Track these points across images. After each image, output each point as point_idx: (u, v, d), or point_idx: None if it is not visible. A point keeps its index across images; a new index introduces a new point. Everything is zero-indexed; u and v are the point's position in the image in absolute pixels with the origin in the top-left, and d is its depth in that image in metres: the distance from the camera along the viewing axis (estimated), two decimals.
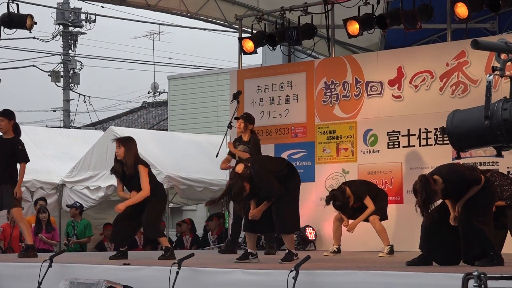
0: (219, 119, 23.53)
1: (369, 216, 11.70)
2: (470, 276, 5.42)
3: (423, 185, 8.68)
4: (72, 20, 33.68)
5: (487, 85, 5.51)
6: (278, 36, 15.00)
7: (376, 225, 11.70)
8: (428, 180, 8.72)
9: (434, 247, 9.01)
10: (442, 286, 6.71)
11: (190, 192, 17.54)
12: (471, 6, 12.93)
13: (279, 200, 9.73)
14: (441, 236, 9.01)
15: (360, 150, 13.64)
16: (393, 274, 7.80)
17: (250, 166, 9.62)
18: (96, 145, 17.99)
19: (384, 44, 16.97)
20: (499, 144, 5.53)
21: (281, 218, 9.74)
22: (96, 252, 16.12)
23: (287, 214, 9.79)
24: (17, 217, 11.70)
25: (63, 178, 18.01)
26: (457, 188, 8.91)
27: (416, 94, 13.12)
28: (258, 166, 9.72)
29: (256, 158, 10.21)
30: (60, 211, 17.93)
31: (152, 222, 10.89)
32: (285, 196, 9.78)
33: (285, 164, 10.10)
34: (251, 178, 9.53)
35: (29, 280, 9.68)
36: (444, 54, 13.03)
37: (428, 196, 8.67)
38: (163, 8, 16.73)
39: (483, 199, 9.01)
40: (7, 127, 11.55)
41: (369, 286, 7.75)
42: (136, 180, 10.61)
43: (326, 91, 14.13)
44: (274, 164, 10.10)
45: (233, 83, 15.38)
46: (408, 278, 7.63)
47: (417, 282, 7.50)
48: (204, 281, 8.83)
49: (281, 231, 9.96)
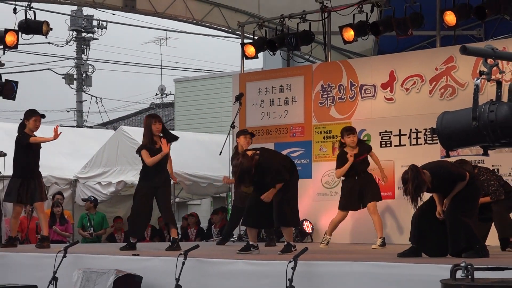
0: (222, 119, 23.52)
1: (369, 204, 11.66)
2: (458, 267, 5.40)
3: (414, 174, 8.67)
4: (85, 26, 33.67)
5: (475, 88, 5.50)
6: (278, 42, 15.00)
7: (375, 215, 11.66)
8: (418, 169, 8.72)
9: (423, 239, 9.00)
10: (432, 276, 6.69)
11: (195, 187, 17.55)
12: (459, 15, 12.93)
13: (280, 195, 9.73)
14: (430, 228, 9.00)
15: None
16: (385, 265, 7.81)
17: (259, 154, 9.66)
18: (108, 144, 17.98)
19: (377, 50, 16.96)
20: (485, 144, 5.52)
21: (282, 212, 9.75)
22: (107, 244, 16.14)
23: (287, 209, 9.80)
24: (39, 209, 11.96)
25: (77, 174, 18.00)
26: (444, 183, 8.90)
27: (407, 96, 13.11)
28: (267, 154, 9.84)
29: (264, 148, 10.23)
30: (73, 205, 17.94)
31: (170, 208, 11.29)
32: (287, 192, 9.78)
33: (288, 160, 10.15)
34: (258, 165, 9.55)
35: (45, 269, 9.70)
36: (434, 59, 13.02)
37: (419, 184, 8.65)
38: (170, 16, 16.75)
39: (469, 195, 9.01)
40: (37, 126, 11.89)
41: (364, 276, 7.75)
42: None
43: (323, 94, 14.12)
44: (280, 156, 10.23)
45: (235, 85, 15.37)
46: (400, 269, 7.64)
47: (408, 272, 7.51)
48: (208, 270, 8.84)
49: (281, 224, 9.95)
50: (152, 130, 10.96)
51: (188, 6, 16.74)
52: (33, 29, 14.13)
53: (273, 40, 15.10)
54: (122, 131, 18.11)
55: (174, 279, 8.44)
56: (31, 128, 11.82)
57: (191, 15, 16.82)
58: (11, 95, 13.96)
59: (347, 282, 7.82)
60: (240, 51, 15.54)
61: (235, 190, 12.80)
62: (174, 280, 8.44)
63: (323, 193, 13.88)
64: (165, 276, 8.85)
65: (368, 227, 12.31)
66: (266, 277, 8.31)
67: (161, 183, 11.02)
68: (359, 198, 11.71)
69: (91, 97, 33.66)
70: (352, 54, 17.29)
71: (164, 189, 11.03)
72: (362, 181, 11.68)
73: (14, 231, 12.21)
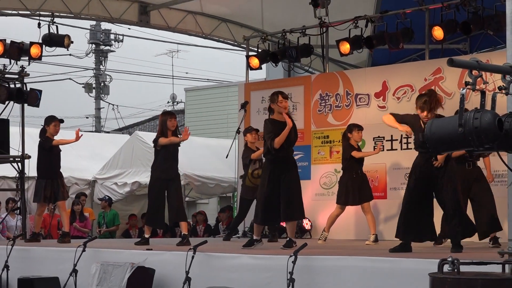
0: (229, 125, 23.52)
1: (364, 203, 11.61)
2: (445, 261, 5.39)
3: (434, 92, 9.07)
4: (103, 39, 33.73)
5: (461, 97, 5.50)
6: (280, 54, 15.02)
7: (368, 214, 11.62)
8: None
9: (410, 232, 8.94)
10: (421, 270, 6.69)
11: (203, 188, 17.56)
12: (446, 30, 12.93)
13: (290, 188, 9.69)
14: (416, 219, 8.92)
15: None
16: (378, 260, 7.80)
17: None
18: (123, 147, 18.02)
19: (371, 62, 16.96)
20: (470, 148, 5.53)
21: (291, 206, 9.69)
22: (122, 239, 16.14)
23: (297, 202, 9.78)
24: (62, 207, 11.99)
25: (95, 175, 18.03)
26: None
27: (399, 104, 13.10)
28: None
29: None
30: (92, 203, 17.96)
31: (183, 204, 11.26)
32: (296, 185, 9.76)
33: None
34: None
35: (66, 262, 9.71)
36: (423, 71, 13.02)
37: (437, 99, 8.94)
38: (181, 30, 16.80)
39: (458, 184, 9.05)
40: (57, 130, 12.02)
41: (358, 270, 7.75)
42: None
43: (321, 102, 14.12)
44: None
45: (241, 94, 15.38)
46: (391, 263, 7.63)
47: (399, 266, 7.51)
48: (215, 264, 8.85)
49: (289, 218, 9.89)
50: (168, 126, 10.91)
51: (198, 21, 16.77)
52: (56, 42, 14.16)
53: (275, 53, 15.12)
54: (136, 136, 18.15)
55: (184, 272, 8.44)
56: (52, 132, 11.89)
57: (201, 30, 16.86)
58: (35, 102, 13.98)
59: (343, 275, 7.82)
60: (245, 63, 15.55)
61: (242, 183, 12.79)
62: (184, 272, 8.44)
63: (321, 193, 13.87)
64: (176, 269, 8.86)
65: (362, 224, 12.31)
66: (268, 270, 8.31)
67: (174, 175, 10.95)
68: (357, 195, 11.62)
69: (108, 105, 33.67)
70: (348, 66, 17.29)
71: (176, 185, 10.97)
72: (359, 179, 11.60)
73: (37, 227, 12.26)
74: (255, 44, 15.78)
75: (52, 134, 11.93)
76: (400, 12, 13.54)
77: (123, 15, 15.99)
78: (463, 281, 5.31)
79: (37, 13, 14.73)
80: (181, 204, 11.06)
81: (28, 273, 10.29)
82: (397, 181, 12.89)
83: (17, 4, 14.68)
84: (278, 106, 9.84)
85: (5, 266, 10.27)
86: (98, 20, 21.20)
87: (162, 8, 16.26)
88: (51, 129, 11.92)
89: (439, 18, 13.07)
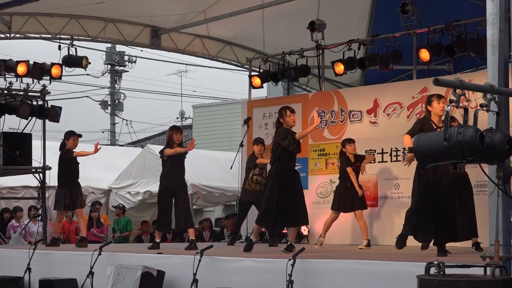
0: (233, 139, 23.47)
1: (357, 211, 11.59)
2: (431, 264, 5.39)
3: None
4: (118, 60, 33.75)
5: (446, 114, 5.51)
6: (279, 74, 15.04)
7: (361, 221, 11.63)
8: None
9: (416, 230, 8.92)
10: (409, 273, 6.67)
11: (209, 196, 17.55)
12: (432, 52, 12.95)
13: (297, 195, 9.70)
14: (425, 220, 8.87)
15: None
16: (370, 263, 7.79)
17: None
18: (136, 159, 18.01)
19: (363, 81, 16.98)
20: (455, 160, 5.53)
21: (298, 212, 9.68)
22: (135, 244, 16.12)
23: (304, 210, 9.77)
24: (80, 215, 12.04)
25: (110, 185, 18.03)
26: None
27: (389, 120, 13.11)
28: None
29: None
30: (107, 211, 17.95)
31: (190, 211, 11.31)
32: (302, 194, 9.78)
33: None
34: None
35: (83, 265, 9.69)
36: (411, 89, 13.02)
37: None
38: (189, 52, 16.84)
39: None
40: (76, 144, 12.02)
41: (352, 272, 7.74)
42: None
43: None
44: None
45: (244, 111, 15.38)
46: (382, 266, 7.61)
47: (390, 269, 7.48)
48: (221, 267, 8.83)
49: (296, 225, 9.89)
50: (174, 139, 10.94)
51: (205, 44, 16.82)
52: (75, 63, 14.20)
53: (275, 73, 15.13)
54: (148, 149, 18.15)
55: (192, 274, 8.44)
56: (71, 146, 11.91)
57: (207, 52, 16.90)
58: (55, 118, 14.02)
59: (338, 277, 7.80)
60: (248, 82, 15.57)
61: (242, 186, 12.79)
62: (192, 274, 8.44)
63: (317, 202, 13.85)
64: (184, 271, 8.85)
65: (355, 230, 12.30)
66: (269, 272, 8.30)
67: (181, 183, 10.95)
68: (350, 202, 11.65)
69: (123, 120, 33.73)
70: (342, 85, 17.31)
71: (183, 193, 10.95)
72: (354, 188, 11.63)
73: (57, 233, 12.24)
74: (257, 65, 15.81)
75: (71, 147, 11.95)
76: (390, 36, 13.57)
77: (136, 38, 16.04)
78: (448, 282, 5.31)
79: (58, 36, 14.79)
80: (188, 211, 11.05)
81: (48, 275, 10.28)
82: (387, 191, 12.88)
83: (39, 28, 14.75)
84: (287, 120, 9.90)
85: (28, 269, 10.27)
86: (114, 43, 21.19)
87: (172, 32, 16.32)
88: (70, 143, 11.93)
89: (425, 41, 13.09)
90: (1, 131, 13.81)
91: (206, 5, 15.23)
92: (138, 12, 15.36)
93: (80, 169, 12.10)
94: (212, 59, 17.30)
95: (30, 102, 13.80)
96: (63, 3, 14.01)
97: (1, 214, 16.13)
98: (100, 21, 15.40)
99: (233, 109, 25.21)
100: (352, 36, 14.23)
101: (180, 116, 35.75)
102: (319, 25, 13.97)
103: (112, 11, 15.11)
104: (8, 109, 13.58)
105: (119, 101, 34.10)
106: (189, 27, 16.01)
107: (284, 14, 15.28)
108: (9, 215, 16.11)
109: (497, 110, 5.91)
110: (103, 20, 15.41)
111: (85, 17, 15.16)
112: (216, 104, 28.21)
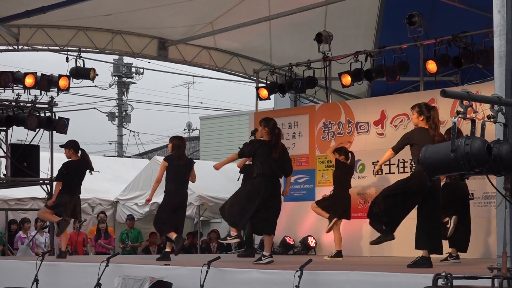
0: None
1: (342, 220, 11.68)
2: (439, 276, 5.39)
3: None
4: (125, 72, 33.85)
5: (453, 125, 5.51)
6: (286, 86, 15.05)
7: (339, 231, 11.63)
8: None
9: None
10: (417, 284, 6.66)
11: (216, 208, 17.42)
12: (439, 63, 12.96)
13: (277, 207, 9.83)
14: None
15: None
16: (378, 274, 7.75)
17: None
18: (143, 171, 18.02)
19: (370, 93, 16.97)
20: (462, 172, 5.53)
21: (274, 222, 9.87)
22: (143, 255, 16.12)
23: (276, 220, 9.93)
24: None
25: (117, 196, 18.05)
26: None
27: (396, 132, 13.09)
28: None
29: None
30: (114, 222, 17.96)
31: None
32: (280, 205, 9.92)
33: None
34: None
35: (91, 276, 9.69)
36: (418, 101, 12.80)
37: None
38: (196, 63, 16.87)
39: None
40: (68, 154, 12.01)
41: (358, 283, 7.71)
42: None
43: (325, 129, 14.12)
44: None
45: (251, 122, 15.38)
46: (389, 277, 7.57)
47: (396, 280, 7.45)
48: (228, 278, 8.81)
49: (271, 233, 9.93)
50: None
51: (212, 55, 16.85)
52: (82, 75, 14.25)
53: (282, 84, 15.14)
54: (155, 160, 18.15)
55: (199, 285, 8.42)
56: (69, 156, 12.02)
57: (214, 63, 16.93)
58: (63, 129, 14.05)
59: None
60: (255, 94, 15.59)
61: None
62: (199, 286, 8.41)
63: None
64: (191, 283, 8.82)
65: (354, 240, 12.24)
66: (276, 284, 8.27)
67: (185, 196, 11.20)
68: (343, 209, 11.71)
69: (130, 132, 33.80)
70: (349, 96, 17.32)
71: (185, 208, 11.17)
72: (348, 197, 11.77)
73: (64, 245, 12.18)
74: (264, 77, 15.84)
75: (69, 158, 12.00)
76: (397, 47, 13.58)
77: (144, 50, 16.09)
78: None
79: (65, 48, 14.84)
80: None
81: (56, 287, 10.28)
82: None
83: (47, 40, 14.81)
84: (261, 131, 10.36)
85: (35, 280, 10.26)
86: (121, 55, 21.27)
87: (179, 43, 16.36)
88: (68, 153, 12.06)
89: (432, 53, 13.11)
90: (9, 143, 13.87)
91: (213, 17, 15.27)
92: (145, 24, 15.41)
93: (87, 181, 12.13)
94: (219, 71, 17.34)
95: (37, 113, 13.85)
96: (71, 15, 14.07)
97: (9, 225, 16.17)
98: (107, 33, 15.46)
99: (240, 121, 25.23)
100: (359, 47, 14.26)
101: (187, 128, 35.82)
102: (326, 36, 13.99)
103: (119, 23, 15.17)
104: (16, 121, 13.63)
105: (126, 113, 34.18)
106: (196, 38, 16.06)
107: (291, 26, 15.30)
108: (17, 227, 16.15)
109: (504, 121, 5.91)
110: (111, 32, 15.47)
111: (93, 29, 15.23)
112: (223, 116, 28.24)
